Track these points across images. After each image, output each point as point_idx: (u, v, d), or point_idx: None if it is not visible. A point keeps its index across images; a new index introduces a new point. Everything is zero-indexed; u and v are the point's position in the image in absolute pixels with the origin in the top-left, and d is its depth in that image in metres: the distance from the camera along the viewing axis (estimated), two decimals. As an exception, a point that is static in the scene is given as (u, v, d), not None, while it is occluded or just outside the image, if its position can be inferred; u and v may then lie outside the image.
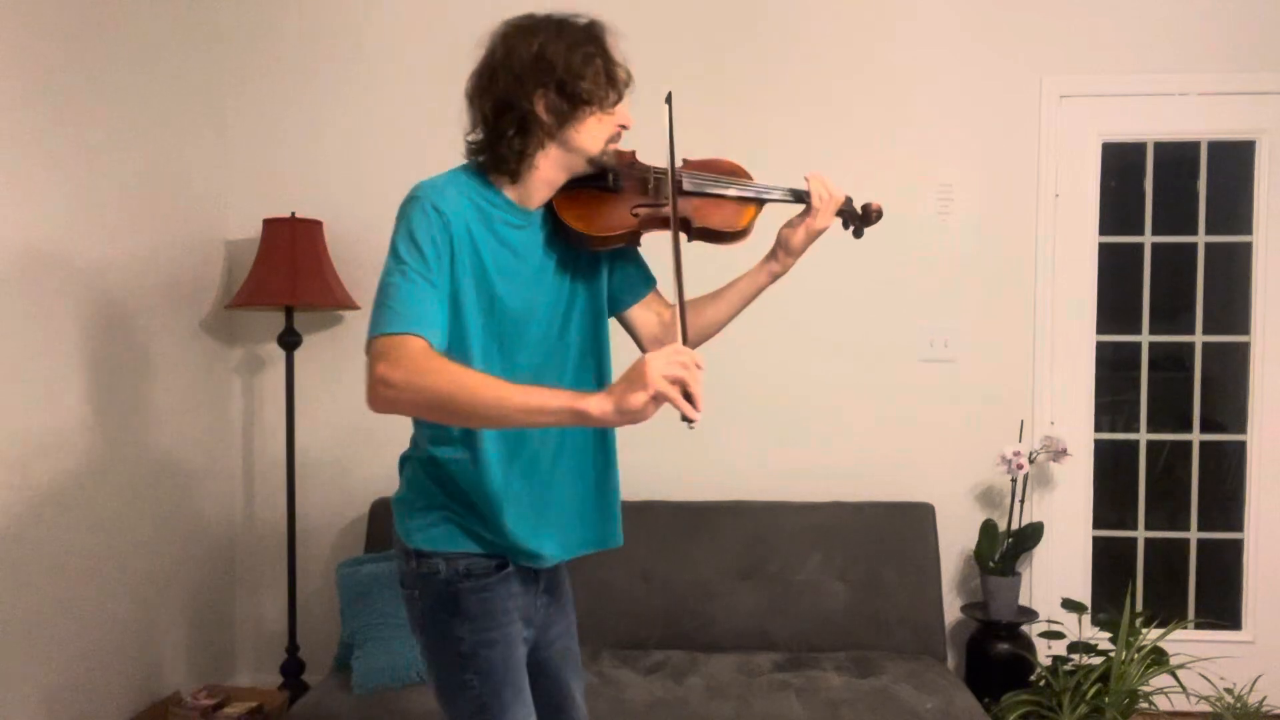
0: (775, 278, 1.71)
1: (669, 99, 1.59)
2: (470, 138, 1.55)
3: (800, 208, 1.67)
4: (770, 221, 1.73)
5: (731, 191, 1.63)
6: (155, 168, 2.93)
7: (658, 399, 1.24)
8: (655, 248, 1.66)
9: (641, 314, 1.72)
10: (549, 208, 1.57)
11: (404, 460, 1.67)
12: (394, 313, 1.37)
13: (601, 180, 1.56)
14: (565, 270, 1.60)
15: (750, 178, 1.67)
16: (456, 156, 1.63)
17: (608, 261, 1.67)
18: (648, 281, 1.73)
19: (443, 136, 3.28)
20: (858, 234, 1.78)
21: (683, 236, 1.57)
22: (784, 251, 1.69)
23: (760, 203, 1.65)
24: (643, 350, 1.73)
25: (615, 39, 1.53)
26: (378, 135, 3.28)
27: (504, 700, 1.52)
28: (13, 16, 2.38)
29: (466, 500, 1.54)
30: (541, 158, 1.51)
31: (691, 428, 1.27)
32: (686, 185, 1.61)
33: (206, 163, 3.20)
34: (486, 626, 1.52)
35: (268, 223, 3.06)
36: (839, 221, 1.73)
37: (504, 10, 1.64)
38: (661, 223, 1.58)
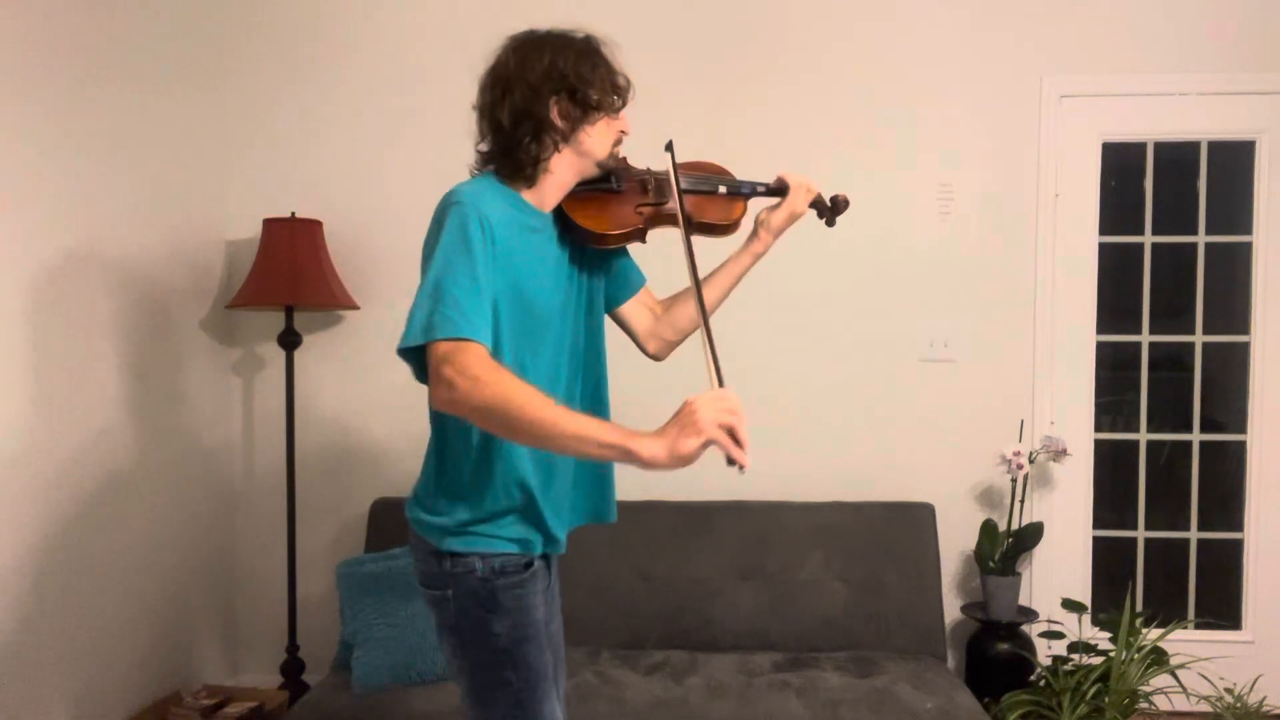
0: (758, 258, 1.83)
1: (670, 148, 1.69)
2: (482, 147, 1.62)
3: (776, 200, 1.83)
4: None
5: (722, 189, 1.78)
6: (155, 168, 2.93)
7: (708, 445, 1.28)
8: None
9: (635, 309, 1.83)
10: (558, 211, 1.65)
11: (432, 455, 1.65)
12: (454, 317, 1.38)
13: (605, 183, 1.67)
14: (573, 271, 1.68)
15: (733, 175, 1.81)
16: (455, 155, 1.68)
17: (608, 261, 1.76)
18: (640, 278, 1.84)
19: (442, 136, 3.30)
20: (830, 223, 1.91)
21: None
22: (765, 231, 1.81)
23: (746, 197, 1.80)
24: (637, 344, 1.85)
25: (612, 49, 1.63)
26: (377, 135, 3.28)
27: (539, 695, 1.56)
28: (13, 17, 2.38)
29: (501, 495, 1.56)
30: (555, 161, 1.59)
31: (742, 473, 1.30)
32: (685, 184, 1.73)
33: (206, 163, 3.20)
34: (522, 622, 1.55)
35: (268, 223, 3.06)
36: (813, 212, 1.88)
37: (505, 11, 1.66)
38: (666, 219, 1.70)
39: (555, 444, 1.35)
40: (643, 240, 1.70)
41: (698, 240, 1.69)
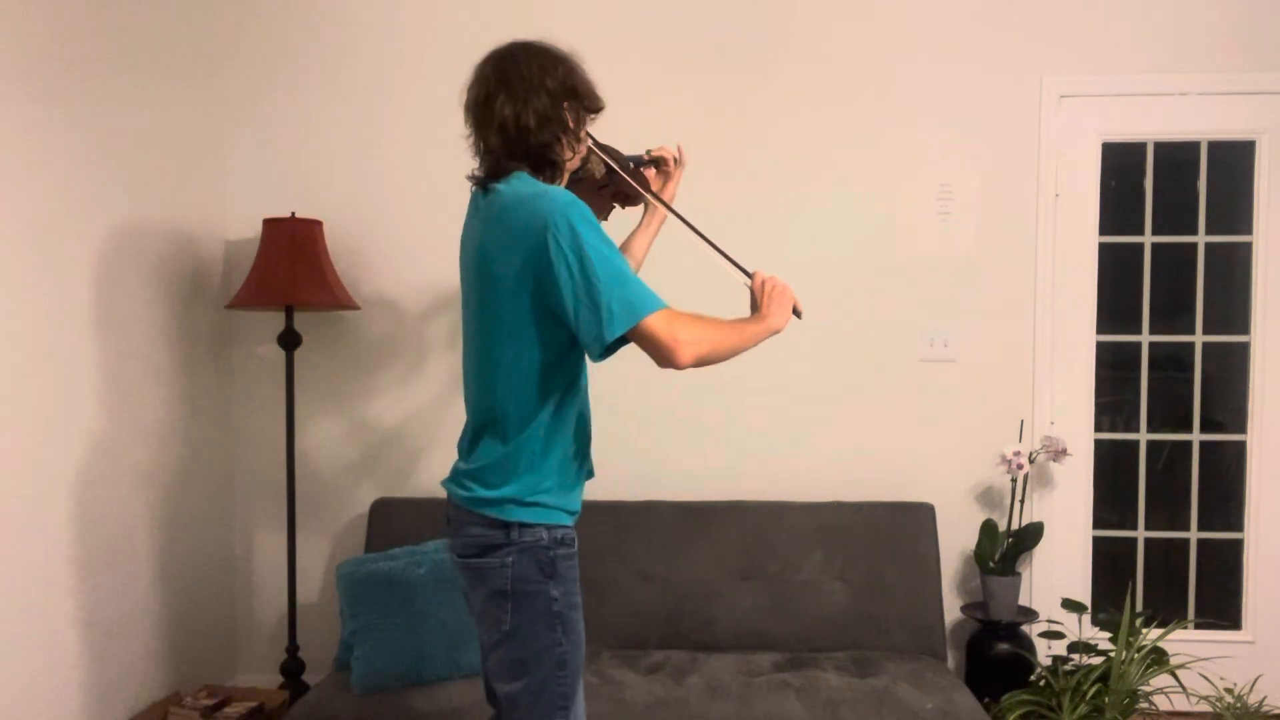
0: (663, 221, 2.12)
1: (593, 141, 1.92)
2: (490, 150, 1.72)
3: (655, 170, 2.13)
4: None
5: (631, 165, 2.04)
6: (155, 168, 2.93)
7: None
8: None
9: None
10: None
11: (496, 437, 1.72)
12: (643, 294, 1.60)
13: (575, 174, 1.88)
14: None
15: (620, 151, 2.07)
16: (456, 155, 1.72)
17: None
18: None
19: (442, 137, 3.30)
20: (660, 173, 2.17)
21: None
22: (666, 198, 2.10)
23: (644, 167, 2.08)
24: None
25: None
26: (377, 135, 3.28)
27: (578, 660, 1.71)
28: (13, 16, 2.38)
29: (563, 464, 1.72)
30: (569, 160, 1.79)
31: (800, 318, 1.88)
32: (631, 165, 1.99)
33: (206, 163, 3.20)
34: (573, 590, 1.72)
35: (268, 223, 3.06)
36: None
37: (503, 12, 1.70)
38: (620, 197, 2.01)
39: (747, 346, 1.68)
40: (606, 219, 1.94)
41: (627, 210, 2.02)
